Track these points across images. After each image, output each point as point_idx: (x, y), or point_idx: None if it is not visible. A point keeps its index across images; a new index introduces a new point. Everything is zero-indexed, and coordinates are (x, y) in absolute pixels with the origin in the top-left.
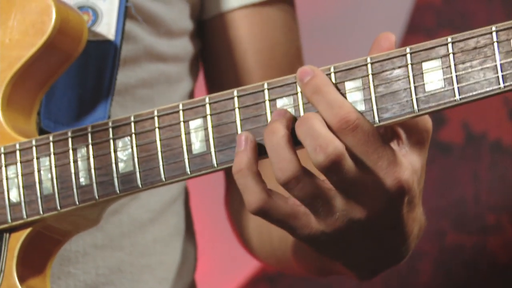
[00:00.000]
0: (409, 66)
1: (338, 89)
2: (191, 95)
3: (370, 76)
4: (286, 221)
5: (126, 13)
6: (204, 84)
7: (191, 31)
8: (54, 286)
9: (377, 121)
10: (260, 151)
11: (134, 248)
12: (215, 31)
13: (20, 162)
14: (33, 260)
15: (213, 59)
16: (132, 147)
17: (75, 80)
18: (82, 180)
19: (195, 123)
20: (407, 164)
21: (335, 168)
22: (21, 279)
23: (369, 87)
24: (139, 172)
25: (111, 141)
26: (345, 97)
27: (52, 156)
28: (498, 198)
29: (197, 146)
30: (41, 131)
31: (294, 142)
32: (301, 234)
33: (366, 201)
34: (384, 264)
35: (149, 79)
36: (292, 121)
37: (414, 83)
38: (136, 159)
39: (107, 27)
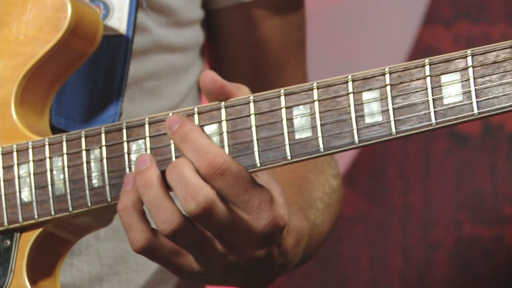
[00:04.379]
0: (428, 78)
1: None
2: (198, 87)
3: (388, 87)
4: (169, 260)
5: (137, 6)
6: None
7: (200, 20)
8: None
9: (394, 132)
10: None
11: None
12: (227, 20)
13: (33, 161)
14: (43, 260)
15: (222, 48)
16: (146, 150)
17: (86, 76)
18: (94, 181)
19: (210, 128)
20: (280, 199)
21: (206, 215)
22: (31, 279)
23: (386, 97)
24: None
25: (125, 144)
26: (363, 107)
27: (65, 156)
28: None
29: None
30: (52, 128)
31: (167, 186)
32: (183, 273)
33: (243, 243)
34: (266, 283)
35: (158, 71)
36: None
37: (432, 95)
38: None
39: (119, 21)
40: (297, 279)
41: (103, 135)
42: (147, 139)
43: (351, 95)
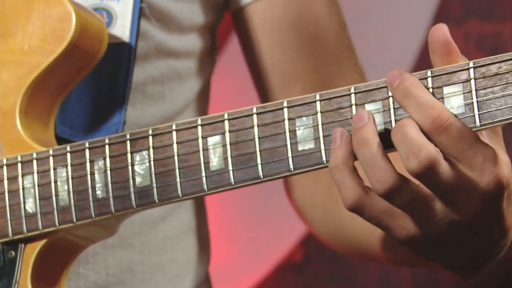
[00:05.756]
0: (430, 90)
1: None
2: (205, 93)
3: (391, 99)
4: (382, 220)
5: (140, 14)
6: (220, 94)
7: (202, 25)
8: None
9: None
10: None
11: (144, 247)
12: (252, 17)
13: (37, 172)
14: (48, 270)
15: (253, 46)
16: (149, 162)
17: (90, 85)
18: (98, 193)
19: (213, 140)
20: (505, 158)
21: (429, 173)
22: None
23: (389, 109)
24: (156, 187)
25: (129, 155)
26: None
27: (69, 167)
28: None
29: (215, 163)
30: (56, 137)
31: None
32: (396, 234)
33: (464, 202)
34: (483, 261)
35: (160, 76)
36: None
37: None
38: (153, 174)
39: (122, 29)
40: (307, 278)
41: (107, 146)
42: (151, 150)
43: (353, 107)
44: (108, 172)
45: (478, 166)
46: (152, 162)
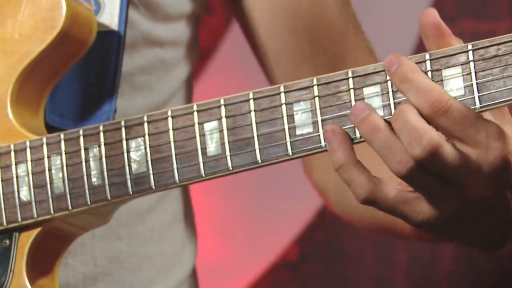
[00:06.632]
0: (429, 72)
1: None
2: (190, 81)
3: (389, 82)
4: (396, 208)
5: (129, 1)
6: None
7: (189, 13)
8: None
9: None
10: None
11: (132, 238)
12: (254, 2)
13: (31, 160)
14: (43, 259)
15: (257, 30)
16: (145, 148)
17: (79, 73)
18: (94, 180)
19: (210, 125)
20: (510, 132)
21: (433, 159)
22: (31, 278)
23: (387, 92)
24: (153, 173)
25: (124, 141)
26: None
27: (64, 155)
28: None
29: (212, 148)
30: (47, 126)
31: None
32: (413, 220)
33: (474, 182)
34: (506, 234)
35: (147, 65)
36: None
37: None
38: (149, 161)
39: (110, 17)
40: (302, 276)
41: (101, 134)
42: (146, 136)
43: (351, 91)
44: (104, 159)
45: (482, 143)
46: (148, 149)
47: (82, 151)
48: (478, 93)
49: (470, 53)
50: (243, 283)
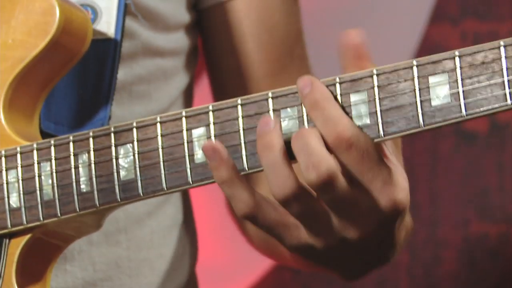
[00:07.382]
0: (416, 79)
1: (339, 103)
2: (189, 90)
3: (376, 89)
4: (274, 229)
5: (126, 10)
6: (206, 89)
7: (188, 23)
8: (52, 283)
9: (382, 135)
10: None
11: (131, 243)
12: (214, 18)
13: (21, 166)
14: (33, 266)
15: (213, 47)
16: (134, 155)
17: (75, 80)
18: (83, 186)
19: (197, 132)
20: (403, 182)
21: (326, 187)
22: (21, 285)
23: (374, 99)
24: (141, 180)
25: (113, 148)
26: (350, 109)
27: (53, 161)
28: None
29: (200, 155)
30: (41, 133)
31: (289, 155)
32: (288, 244)
33: (359, 221)
34: (371, 269)
35: (146, 75)
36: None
37: (420, 97)
38: (138, 167)
39: (107, 25)
40: (304, 277)
41: (91, 140)
42: (135, 143)
43: (338, 97)
44: (92, 165)
45: (376, 189)
46: (136, 155)
47: (72, 157)
48: (464, 100)
49: (457, 59)
50: (245, 283)
